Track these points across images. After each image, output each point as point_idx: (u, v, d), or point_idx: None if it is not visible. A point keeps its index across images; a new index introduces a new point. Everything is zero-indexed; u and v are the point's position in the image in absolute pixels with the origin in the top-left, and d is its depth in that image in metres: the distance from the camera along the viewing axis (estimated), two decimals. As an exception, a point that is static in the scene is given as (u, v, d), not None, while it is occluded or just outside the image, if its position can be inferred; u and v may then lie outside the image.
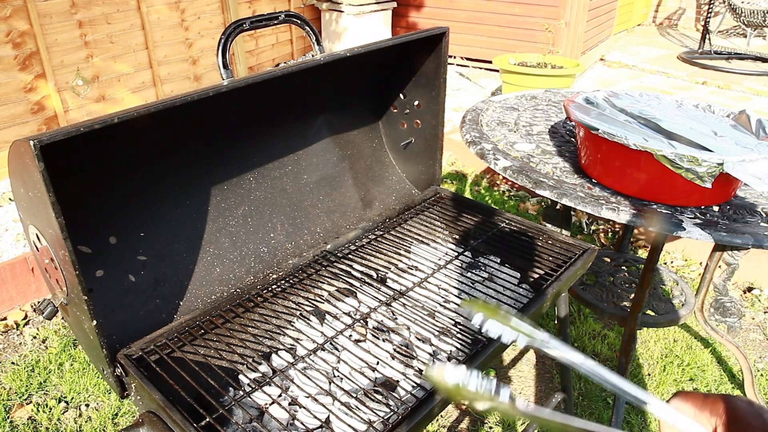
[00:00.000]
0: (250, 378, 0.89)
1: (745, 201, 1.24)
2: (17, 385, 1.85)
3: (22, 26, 3.12)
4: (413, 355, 0.92)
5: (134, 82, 3.85)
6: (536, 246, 1.20)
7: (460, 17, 5.52)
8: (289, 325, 1.01)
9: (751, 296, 2.41)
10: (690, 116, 1.32)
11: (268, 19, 1.00)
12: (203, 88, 0.83)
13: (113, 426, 1.72)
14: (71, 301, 0.82)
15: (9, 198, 2.91)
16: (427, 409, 0.77)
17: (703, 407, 0.47)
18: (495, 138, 1.54)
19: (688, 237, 1.08)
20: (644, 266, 1.45)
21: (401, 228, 1.29)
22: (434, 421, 1.68)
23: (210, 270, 1.10)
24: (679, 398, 0.49)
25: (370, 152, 1.45)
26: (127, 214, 1.01)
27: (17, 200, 0.82)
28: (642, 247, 2.73)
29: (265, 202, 1.22)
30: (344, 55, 1.02)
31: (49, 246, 0.78)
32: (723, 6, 6.64)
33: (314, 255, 1.18)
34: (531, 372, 1.99)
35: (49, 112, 3.36)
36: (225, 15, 4.43)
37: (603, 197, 1.22)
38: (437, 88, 1.28)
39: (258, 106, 1.16)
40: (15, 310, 2.19)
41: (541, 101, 1.88)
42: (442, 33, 1.19)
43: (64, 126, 0.70)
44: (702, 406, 0.47)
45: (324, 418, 0.82)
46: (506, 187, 3.27)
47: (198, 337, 0.95)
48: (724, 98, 4.83)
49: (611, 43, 6.70)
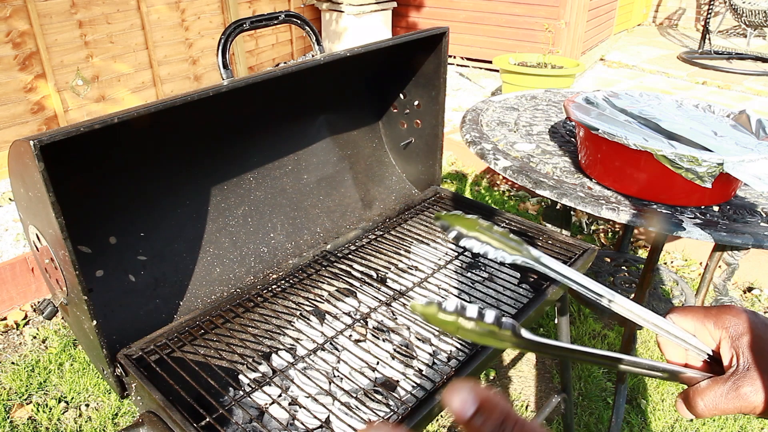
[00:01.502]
0: (250, 378, 0.89)
1: (745, 201, 1.24)
2: (17, 385, 1.85)
3: (22, 26, 3.12)
4: (413, 355, 0.92)
5: (134, 82, 3.85)
6: (536, 246, 1.20)
7: (460, 17, 5.52)
8: (289, 325, 1.01)
9: (751, 296, 2.41)
10: (690, 116, 1.32)
11: (268, 19, 1.00)
12: (203, 88, 0.83)
13: (113, 426, 1.72)
14: (71, 301, 0.82)
15: (9, 198, 2.91)
16: (427, 409, 0.77)
17: (705, 320, 0.43)
18: (495, 138, 1.54)
19: (688, 237, 1.08)
20: (644, 266, 1.45)
21: (401, 228, 1.30)
22: (434, 421, 1.68)
23: (210, 270, 1.10)
24: (677, 313, 0.45)
25: (370, 152, 1.45)
26: (127, 214, 1.01)
27: (17, 200, 0.82)
28: (642, 247, 2.73)
29: (265, 202, 1.22)
30: (344, 55, 1.02)
31: (49, 246, 0.78)
32: (723, 6, 6.64)
33: (314, 255, 1.18)
34: (531, 372, 1.99)
35: (49, 112, 3.36)
36: (225, 15, 4.43)
37: (603, 197, 1.22)
38: (437, 88, 1.28)
39: (258, 106, 1.16)
40: (15, 310, 2.19)
41: (541, 101, 1.88)
42: (442, 33, 1.19)
43: (64, 126, 0.70)
44: (704, 319, 0.43)
45: (324, 418, 0.82)
46: (506, 187, 3.27)
47: (198, 337, 0.95)
48: (724, 98, 4.83)
49: (611, 43, 6.70)
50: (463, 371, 0.84)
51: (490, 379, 1.95)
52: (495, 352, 0.91)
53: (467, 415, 0.27)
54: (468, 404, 0.27)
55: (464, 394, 0.27)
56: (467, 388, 0.28)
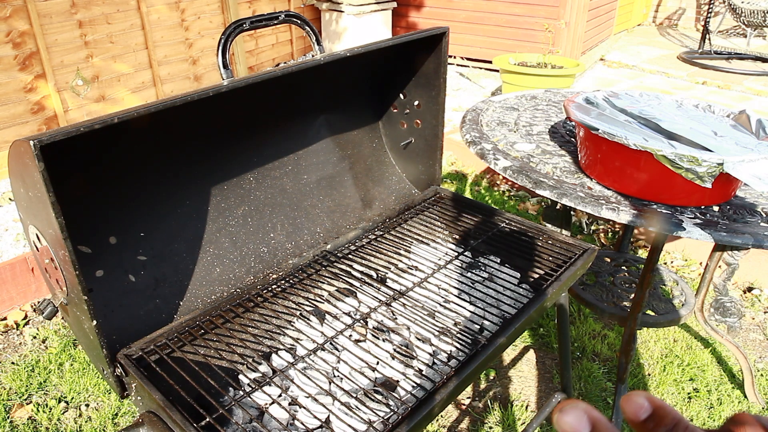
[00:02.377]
0: (250, 378, 0.89)
1: (745, 201, 1.24)
2: (17, 385, 1.85)
3: (22, 26, 3.12)
4: (413, 355, 0.92)
5: (134, 82, 3.85)
6: (536, 246, 1.20)
7: (460, 17, 5.52)
8: (289, 325, 1.01)
9: (751, 296, 2.41)
10: (690, 116, 1.32)
11: (268, 19, 1.00)
12: (203, 88, 0.83)
13: (113, 426, 1.72)
14: (71, 301, 0.82)
15: (9, 198, 2.91)
16: (427, 409, 0.77)
17: None
18: (495, 138, 1.54)
19: (688, 237, 1.08)
20: (644, 266, 1.45)
21: (401, 228, 1.29)
22: (434, 421, 1.68)
23: (210, 270, 1.10)
24: None
25: (370, 152, 1.45)
26: (127, 214, 1.01)
27: (17, 200, 0.82)
28: (642, 247, 2.73)
29: (265, 202, 1.22)
30: (344, 55, 1.02)
31: (49, 246, 0.78)
32: (723, 6, 6.64)
33: (314, 255, 1.18)
34: (531, 372, 1.99)
35: (49, 112, 3.36)
36: (225, 15, 4.43)
37: (603, 197, 1.22)
38: (437, 88, 1.28)
39: (258, 106, 1.16)
40: (15, 310, 2.19)
41: (541, 101, 1.88)
42: (442, 33, 1.19)
43: (64, 126, 0.70)
44: None
45: (324, 418, 0.82)
46: (506, 187, 3.27)
47: (198, 337, 0.95)
48: (724, 98, 4.83)
49: (611, 43, 6.70)
50: (463, 371, 0.84)
51: (491, 379, 1.95)
52: (495, 352, 0.91)
53: (641, 419, 0.28)
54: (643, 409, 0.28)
55: (639, 399, 0.28)
56: (642, 395, 0.29)
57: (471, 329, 0.97)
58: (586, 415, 0.28)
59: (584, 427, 0.27)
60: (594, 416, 0.28)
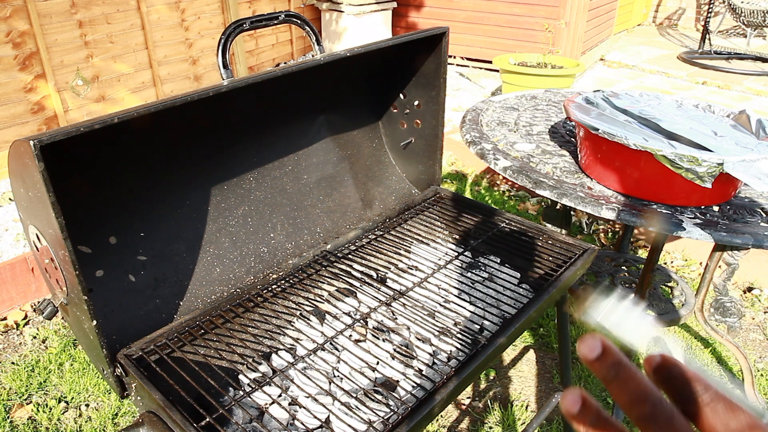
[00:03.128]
0: (250, 378, 0.89)
1: (745, 201, 1.24)
2: (17, 385, 1.85)
3: (22, 26, 3.12)
4: (413, 355, 0.92)
5: (134, 82, 3.85)
6: (536, 246, 1.20)
7: (460, 17, 5.52)
8: (289, 325, 1.01)
9: (751, 296, 2.41)
10: (690, 116, 1.32)
11: (268, 19, 1.00)
12: (203, 88, 0.83)
13: (113, 426, 1.72)
14: (71, 301, 0.82)
15: (9, 198, 2.91)
16: (427, 409, 0.77)
17: None
18: (495, 138, 1.54)
19: (688, 237, 1.08)
20: (644, 266, 1.45)
21: (401, 228, 1.29)
22: (434, 421, 1.68)
23: (210, 270, 1.10)
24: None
25: (370, 152, 1.45)
26: (128, 214, 1.01)
27: (17, 200, 0.82)
28: (642, 247, 2.73)
29: (265, 202, 1.22)
30: (344, 55, 1.02)
31: (49, 246, 0.78)
32: (723, 6, 6.64)
33: (314, 255, 1.18)
34: (531, 372, 1.99)
35: (49, 112, 3.36)
36: (225, 15, 4.43)
37: (603, 197, 1.22)
38: (437, 88, 1.28)
39: (258, 106, 1.16)
40: (15, 310, 2.19)
41: (541, 101, 1.88)
42: (442, 33, 1.19)
43: (64, 126, 0.70)
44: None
45: (324, 418, 0.82)
46: (506, 187, 3.27)
47: (198, 337, 0.95)
48: (724, 98, 4.83)
49: (611, 43, 6.70)
50: (463, 371, 0.84)
51: (491, 379, 1.95)
52: (495, 352, 0.91)
53: (592, 358, 0.31)
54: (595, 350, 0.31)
55: (593, 342, 0.31)
56: (597, 337, 0.32)
57: (471, 329, 0.97)
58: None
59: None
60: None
